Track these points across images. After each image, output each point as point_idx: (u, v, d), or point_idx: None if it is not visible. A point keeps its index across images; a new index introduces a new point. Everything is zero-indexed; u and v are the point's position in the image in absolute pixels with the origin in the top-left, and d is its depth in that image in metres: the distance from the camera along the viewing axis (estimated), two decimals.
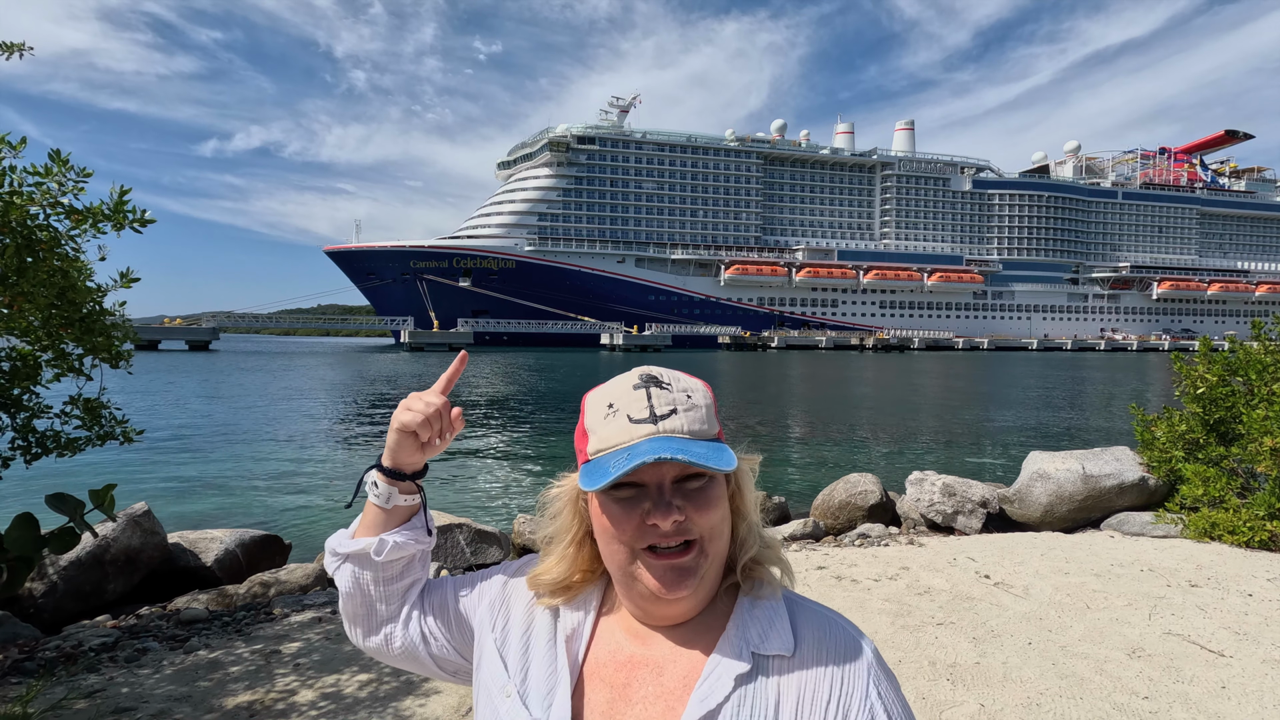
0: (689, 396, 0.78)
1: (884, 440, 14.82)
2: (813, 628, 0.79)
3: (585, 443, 0.79)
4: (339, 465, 11.56)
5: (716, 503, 0.76)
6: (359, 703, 3.04)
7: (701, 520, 0.75)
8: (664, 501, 0.74)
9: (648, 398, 0.77)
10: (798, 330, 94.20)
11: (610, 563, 0.79)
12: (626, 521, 0.75)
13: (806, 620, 0.80)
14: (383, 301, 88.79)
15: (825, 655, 0.77)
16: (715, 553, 0.78)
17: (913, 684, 3.14)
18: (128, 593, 4.79)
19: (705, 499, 0.75)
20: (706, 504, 0.75)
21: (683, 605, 0.79)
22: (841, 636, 0.79)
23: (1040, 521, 6.46)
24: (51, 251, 2.52)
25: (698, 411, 0.77)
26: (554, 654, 0.82)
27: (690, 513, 0.74)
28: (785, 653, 0.76)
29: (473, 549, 5.64)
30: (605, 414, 0.77)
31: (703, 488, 0.76)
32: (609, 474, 0.72)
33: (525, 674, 0.82)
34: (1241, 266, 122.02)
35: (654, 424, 0.75)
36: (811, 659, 0.76)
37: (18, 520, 2.34)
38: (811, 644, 0.78)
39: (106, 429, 2.89)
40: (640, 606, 0.80)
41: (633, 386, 0.78)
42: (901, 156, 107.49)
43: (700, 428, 0.76)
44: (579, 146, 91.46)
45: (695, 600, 0.79)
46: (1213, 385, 6.27)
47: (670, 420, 0.75)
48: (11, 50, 2.61)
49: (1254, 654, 3.44)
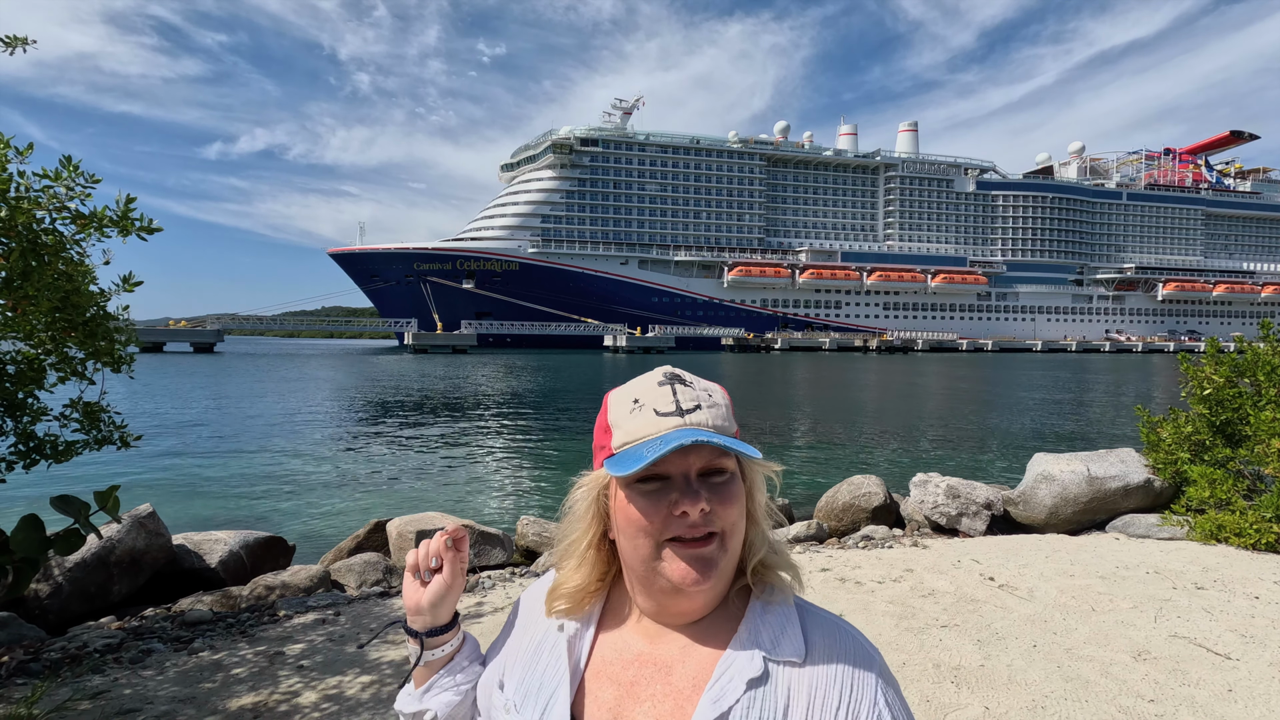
0: (710, 395, 0.81)
1: (888, 442, 14.78)
2: (823, 634, 0.80)
3: (608, 438, 0.81)
4: (341, 466, 11.58)
5: (737, 497, 0.79)
6: (362, 704, 3.04)
7: (725, 513, 0.77)
8: (692, 490, 0.76)
9: (673, 393, 0.80)
10: (801, 332, 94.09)
11: (633, 557, 0.80)
12: (655, 512, 0.76)
13: (817, 626, 0.81)
14: (386, 303, 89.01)
15: (835, 662, 0.77)
16: (733, 548, 0.79)
17: (917, 686, 3.13)
18: (132, 594, 4.80)
19: (728, 493, 0.78)
20: (729, 498, 0.77)
21: (701, 599, 0.80)
22: (851, 645, 0.80)
23: (1045, 524, 6.43)
24: (56, 256, 2.53)
25: (719, 409, 0.80)
26: (556, 657, 0.83)
27: (715, 505, 0.76)
28: (796, 658, 0.77)
29: (475, 551, 5.65)
30: (631, 409, 0.80)
31: (725, 482, 0.78)
32: (643, 458, 0.73)
33: (526, 685, 0.83)
34: (1247, 267, 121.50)
35: (680, 417, 0.78)
36: (822, 665, 0.77)
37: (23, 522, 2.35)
38: (822, 650, 0.78)
39: (105, 433, 2.88)
40: (659, 601, 0.81)
41: (657, 384, 0.81)
42: (905, 158, 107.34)
43: (721, 424, 0.79)
44: (582, 149, 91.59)
45: (712, 595, 0.81)
46: (1220, 386, 6.24)
47: (695, 414, 0.78)
48: (14, 45, 2.62)
49: (1261, 657, 3.42)
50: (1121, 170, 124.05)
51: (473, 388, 27.96)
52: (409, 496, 9.51)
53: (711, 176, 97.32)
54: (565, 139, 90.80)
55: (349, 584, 5.11)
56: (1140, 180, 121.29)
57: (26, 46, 2.65)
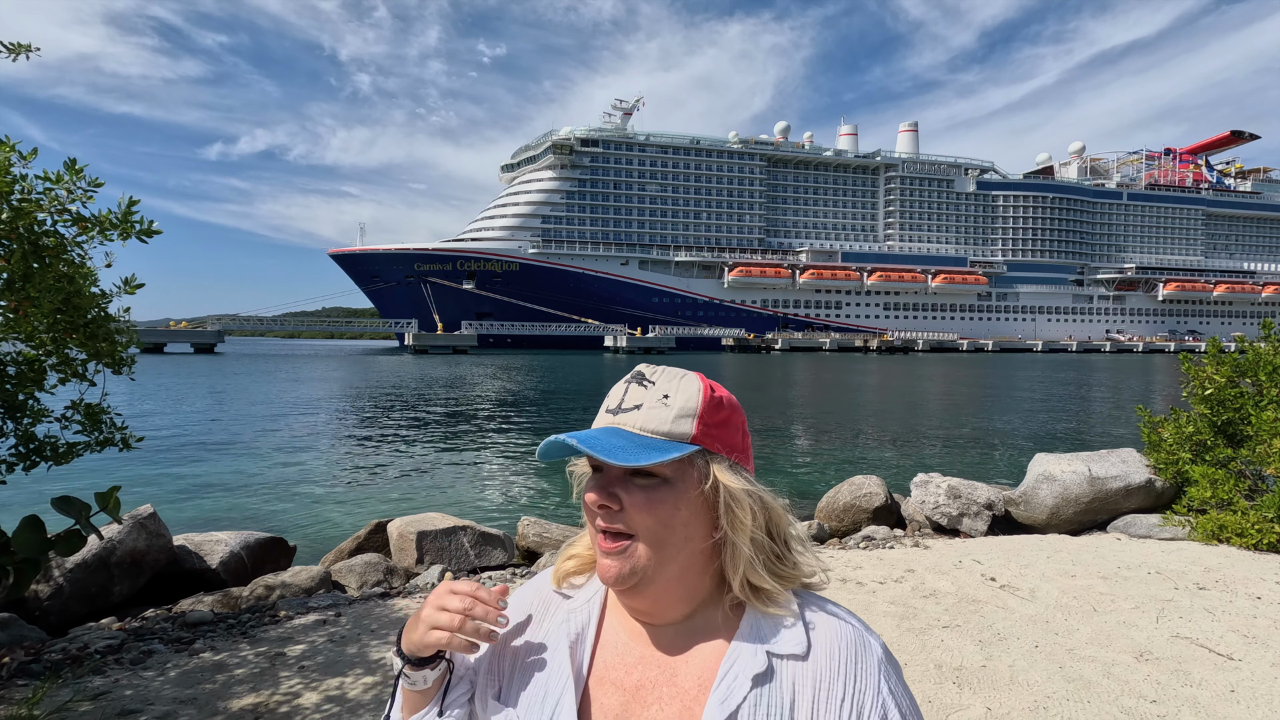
0: (665, 397, 0.78)
1: (889, 442, 14.78)
2: (823, 625, 0.79)
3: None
4: (342, 467, 11.58)
5: (655, 506, 0.75)
6: (363, 706, 3.03)
7: (635, 517, 0.76)
8: (602, 485, 0.77)
9: (624, 392, 0.81)
10: (801, 332, 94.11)
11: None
12: (586, 495, 0.79)
13: (817, 617, 0.80)
14: (387, 304, 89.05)
15: (838, 653, 0.77)
16: (659, 559, 0.76)
17: (919, 687, 3.12)
18: (133, 595, 4.80)
19: (644, 498, 0.76)
20: (644, 503, 0.76)
21: (643, 603, 0.80)
22: (851, 634, 0.79)
23: (1046, 524, 6.43)
24: (58, 257, 2.53)
25: (666, 411, 0.77)
26: (557, 665, 0.82)
27: (627, 505, 0.76)
28: (799, 652, 0.77)
29: (476, 551, 5.64)
30: (604, 403, 0.83)
31: (647, 487, 0.76)
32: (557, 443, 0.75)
33: (529, 696, 0.81)
34: (1247, 267, 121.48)
35: (613, 415, 0.80)
36: (824, 657, 0.77)
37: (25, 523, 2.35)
38: (824, 642, 0.78)
39: (106, 435, 2.88)
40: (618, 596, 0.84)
41: (624, 380, 0.83)
42: (905, 158, 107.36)
43: (659, 426, 0.77)
44: (582, 149, 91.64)
45: (665, 604, 0.80)
46: (1221, 386, 6.24)
47: (629, 415, 0.79)
48: (18, 51, 2.62)
49: (1263, 657, 3.42)
50: (1122, 170, 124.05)
51: (473, 388, 27.96)
52: (409, 497, 9.51)
53: (712, 177, 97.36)
54: (565, 139, 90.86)
55: (350, 585, 5.11)
56: (1141, 180, 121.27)
57: (30, 54, 2.65)
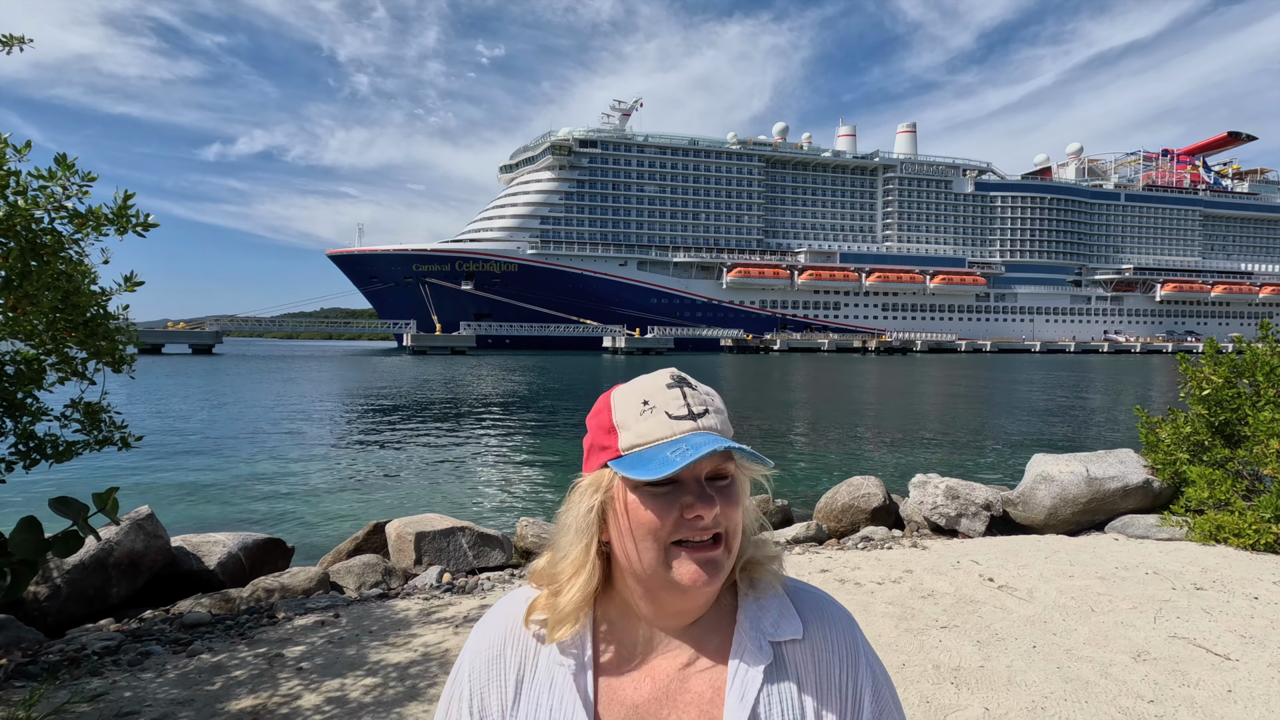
0: (712, 399, 0.83)
1: (887, 443, 14.79)
2: (813, 608, 0.85)
3: (613, 439, 0.79)
4: (340, 468, 11.57)
5: (740, 500, 0.80)
6: (363, 707, 3.03)
7: (730, 516, 0.78)
8: (706, 494, 0.76)
9: (683, 396, 0.80)
10: (800, 333, 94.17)
11: (637, 560, 0.77)
12: (666, 515, 0.76)
13: (803, 601, 0.86)
14: (385, 305, 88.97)
15: (828, 633, 0.83)
16: (735, 550, 0.81)
17: (917, 687, 3.12)
18: (131, 596, 4.79)
19: (733, 496, 0.79)
20: (734, 501, 0.79)
21: (703, 598, 0.81)
22: (835, 612, 0.85)
23: (1044, 524, 6.44)
24: (56, 255, 2.52)
25: (723, 414, 0.82)
26: (561, 701, 0.79)
27: (723, 507, 0.77)
28: (797, 636, 0.82)
29: (475, 552, 5.64)
30: (640, 410, 0.79)
31: (729, 486, 0.79)
32: (669, 461, 0.73)
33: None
34: (1245, 268, 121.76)
35: (694, 420, 0.78)
36: (819, 638, 0.82)
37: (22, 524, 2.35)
38: (816, 624, 0.83)
39: (105, 434, 2.87)
40: (662, 602, 0.79)
41: (665, 385, 0.81)
42: (903, 159, 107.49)
43: (725, 428, 0.81)
44: (581, 150, 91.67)
45: (714, 593, 0.82)
46: (1219, 387, 6.25)
47: (706, 419, 0.79)
48: (10, 44, 2.62)
49: (1260, 657, 3.42)
50: (1120, 171, 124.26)
51: (471, 389, 27.94)
52: (408, 498, 9.50)
53: (710, 178, 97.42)
54: (564, 140, 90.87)
55: (348, 586, 5.11)
56: (1138, 181, 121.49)
57: (24, 46, 2.65)
